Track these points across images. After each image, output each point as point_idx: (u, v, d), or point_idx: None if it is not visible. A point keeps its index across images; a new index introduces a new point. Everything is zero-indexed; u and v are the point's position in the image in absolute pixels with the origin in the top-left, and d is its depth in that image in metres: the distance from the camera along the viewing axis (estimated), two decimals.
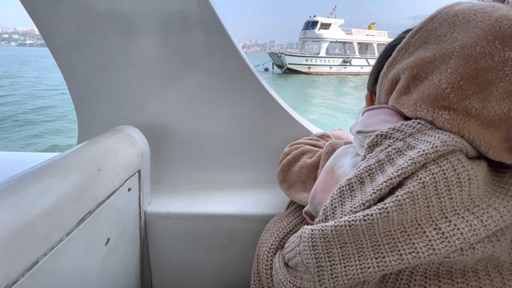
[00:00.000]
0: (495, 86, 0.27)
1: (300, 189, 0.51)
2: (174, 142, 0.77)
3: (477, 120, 0.29)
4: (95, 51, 0.68)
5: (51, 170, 0.40)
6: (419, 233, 0.27)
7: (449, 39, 0.31)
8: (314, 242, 0.31)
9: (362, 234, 0.28)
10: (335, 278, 0.29)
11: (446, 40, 0.31)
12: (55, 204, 0.37)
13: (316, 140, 0.65)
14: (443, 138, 0.28)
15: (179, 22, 0.65)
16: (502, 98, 0.27)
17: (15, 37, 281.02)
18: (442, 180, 0.27)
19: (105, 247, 0.50)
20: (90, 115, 0.75)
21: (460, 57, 0.29)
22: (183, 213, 0.66)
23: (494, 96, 0.28)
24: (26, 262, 0.32)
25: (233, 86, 0.71)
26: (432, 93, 0.31)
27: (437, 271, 0.29)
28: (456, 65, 0.29)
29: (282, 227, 0.48)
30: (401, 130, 0.31)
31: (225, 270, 0.71)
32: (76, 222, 0.40)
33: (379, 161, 0.31)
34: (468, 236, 0.25)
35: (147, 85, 0.71)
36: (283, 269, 0.37)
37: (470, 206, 0.27)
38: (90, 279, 0.46)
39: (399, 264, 0.27)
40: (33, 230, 0.33)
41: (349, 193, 0.32)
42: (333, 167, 0.40)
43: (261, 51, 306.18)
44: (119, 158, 0.52)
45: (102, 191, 0.46)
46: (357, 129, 0.38)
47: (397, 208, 0.27)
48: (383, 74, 0.39)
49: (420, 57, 0.33)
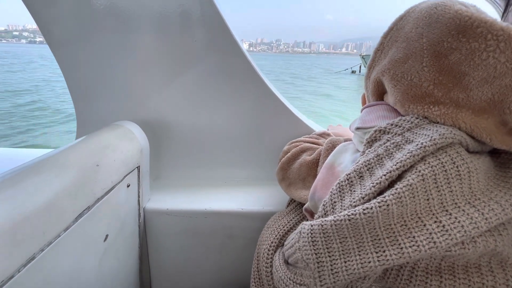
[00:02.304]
0: (470, 76, 0.28)
1: (300, 186, 0.51)
2: (174, 138, 0.76)
3: (468, 109, 0.29)
4: (94, 47, 0.67)
5: (49, 165, 0.40)
6: (419, 226, 0.27)
7: (415, 35, 0.32)
8: (313, 237, 0.30)
9: (362, 228, 0.28)
10: (335, 273, 0.29)
11: (412, 37, 0.32)
12: (53, 199, 0.36)
13: (316, 138, 0.64)
14: (441, 131, 0.28)
15: (180, 18, 0.64)
16: (480, 85, 0.28)
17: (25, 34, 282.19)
18: (441, 172, 0.27)
19: (104, 243, 0.49)
20: (89, 111, 0.74)
21: (431, 54, 0.30)
22: (182, 210, 0.65)
23: (473, 84, 0.28)
24: (23, 258, 0.31)
25: (234, 82, 0.70)
26: (416, 93, 0.31)
27: (439, 266, 0.28)
28: (430, 62, 0.30)
29: (283, 225, 0.48)
30: (399, 125, 0.32)
31: (224, 267, 0.71)
32: (74, 218, 0.40)
33: (378, 156, 0.31)
34: (469, 229, 0.25)
35: (147, 81, 0.71)
36: (283, 266, 0.37)
37: (470, 199, 0.27)
38: (88, 275, 0.46)
39: (399, 257, 0.26)
40: (30, 224, 0.32)
41: (348, 188, 0.32)
42: (333, 164, 0.40)
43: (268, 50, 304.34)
44: (118, 154, 0.52)
45: (100, 186, 0.46)
46: (356, 125, 0.39)
47: (397, 201, 0.27)
48: (366, 76, 0.41)
49: (394, 58, 0.34)
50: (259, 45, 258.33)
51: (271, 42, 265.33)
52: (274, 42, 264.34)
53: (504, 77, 0.26)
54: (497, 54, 0.26)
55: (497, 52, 0.26)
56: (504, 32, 0.26)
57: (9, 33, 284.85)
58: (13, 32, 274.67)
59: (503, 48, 0.26)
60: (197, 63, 0.68)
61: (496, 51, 0.26)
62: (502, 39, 0.26)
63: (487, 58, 0.27)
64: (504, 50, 0.26)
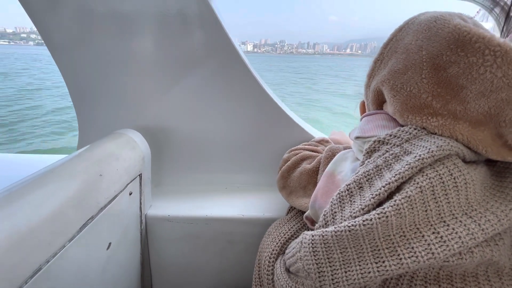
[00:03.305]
0: (468, 89, 0.29)
1: (301, 194, 0.52)
2: (174, 145, 0.77)
3: (465, 122, 0.29)
4: (95, 53, 0.68)
5: (54, 176, 0.40)
6: (418, 237, 0.27)
7: (415, 47, 0.32)
8: (314, 247, 0.31)
9: (362, 238, 0.28)
10: (336, 283, 0.30)
11: (412, 49, 0.33)
12: (57, 210, 0.37)
13: (315, 145, 0.65)
14: (439, 143, 0.28)
15: (179, 24, 0.64)
16: (477, 98, 0.28)
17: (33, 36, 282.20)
18: (439, 184, 0.27)
19: (107, 251, 0.50)
20: (90, 118, 0.75)
21: (430, 67, 0.31)
22: (183, 216, 0.66)
23: (470, 97, 0.29)
24: (29, 269, 0.32)
25: (234, 88, 0.71)
26: (415, 104, 0.32)
27: (437, 275, 0.29)
28: (429, 74, 0.31)
29: (284, 233, 0.48)
30: (397, 136, 0.32)
31: (225, 274, 0.71)
32: (78, 228, 0.40)
33: (377, 167, 0.31)
34: (466, 240, 0.26)
35: (147, 88, 0.71)
36: (284, 275, 0.37)
37: (467, 210, 0.27)
38: (91, 283, 0.46)
39: (399, 268, 0.27)
40: (36, 236, 0.33)
41: (348, 199, 0.32)
42: (333, 172, 0.41)
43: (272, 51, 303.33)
44: (121, 163, 0.52)
45: (104, 196, 0.46)
46: (356, 134, 0.39)
47: (396, 213, 0.27)
48: (366, 85, 0.42)
49: (394, 69, 0.35)
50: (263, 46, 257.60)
51: (275, 43, 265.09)
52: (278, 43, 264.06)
53: (501, 91, 0.27)
54: (494, 69, 0.27)
55: (494, 67, 0.27)
56: (501, 48, 0.26)
57: (17, 36, 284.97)
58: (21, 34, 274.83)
59: (500, 63, 0.26)
60: (197, 69, 0.69)
61: (493, 66, 0.27)
62: (499, 55, 0.26)
63: (485, 72, 0.27)
64: (501, 66, 0.26)
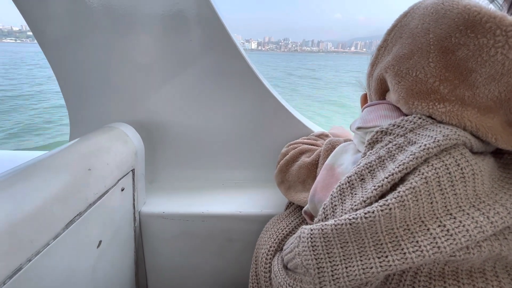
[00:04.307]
0: (477, 72, 0.27)
1: (300, 189, 0.50)
2: (169, 140, 0.75)
3: (474, 108, 0.28)
4: (88, 47, 0.65)
5: (38, 170, 0.38)
6: (422, 231, 0.26)
7: (421, 31, 0.31)
8: (313, 242, 0.29)
9: (364, 232, 0.27)
10: (336, 279, 0.28)
11: (418, 33, 0.31)
12: (41, 206, 0.34)
13: (314, 139, 0.63)
14: (445, 132, 0.27)
15: (175, 17, 0.62)
16: (487, 82, 0.27)
17: None
18: (445, 175, 0.26)
19: (97, 249, 0.48)
20: (82, 113, 0.73)
21: (438, 50, 0.29)
22: (179, 213, 0.64)
23: (480, 82, 0.27)
24: (8, 269, 0.30)
25: (231, 83, 0.69)
26: (421, 89, 0.30)
27: (442, 271, 0.28)
28: (437, 58, 0.29)
29: (282, 228, 0.47)
30: (401, 126, 0.31)
31: (222, 271, 0.69)
32: (64, 225, 0.38)
33: (379, 158, 0.30)
34: (474, 233, 0.24)
35: (142, 82, 0.69)
36: (282, 271, 0.36)
37: (475, 202, 0.26)
38: (81, 283, 0.44)
39: (403, 263, 0.25)
40: (16, 234, 0.31)
41: (349, 191, 0.31)
42: (333, 165, 0.39)
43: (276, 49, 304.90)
44: (111, 157, 0.50)
45: (93, 191, 0.44)
46: (357, 125, 0.37)
47: (400, 205, 0.26)
48: (369, 74, 0.40)
49: (399, 55, 0.33)
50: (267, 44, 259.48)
51: (278, 41, 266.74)
52: (282, 41, 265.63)
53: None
54: (506, 50, 0.25)
55: (506, 48, 0.25)
56: None
57: (23, 33, 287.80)
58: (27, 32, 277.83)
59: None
60: (194, 63, 0.67)
61: (505, 47, 0.25)
62: (511, 35, 0.25)
63: (495, 54, 0.26)
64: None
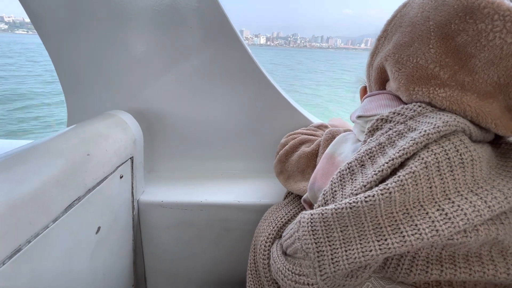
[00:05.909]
0: (476, 58, 0.28)
1: (299, 179, 0.50)
2: (169, 130, 0.74)
3: (473, 93, 0.29)
4: (87, 37, 0.64)
5: (36, 153, 0.38)
6: (421, 214, 0.26)
7: (421, 19, 0.31)
8: (313, 226, 0.30)
9: (364, 216, 0.27)
10: (335, 262, 0.28)
11: (418, 21, 0.31)
12: (40, 188, 0.34)
13: (314, 130, 0.63)
14: (445, 119, 0.28)
15: (175, 6, 0.61)
16: (486, 67, 0.27)
17: None
18: (444, 160, 0.26)
19: (96, 235, 0.48)
20: (80, 101, 0.72)
21: (438, 36, 0.30)
22: (177, 202, 0.64)
23: (479, 67, 0.28)
24: (8, 249, 0.30)
25: (232, 73, 0.68)
26: (422, 74, 0.31)
27: (440, 255, 0.28)
28: (437, 44, 0.30)
29: (280, 217, 0.47)
30: (401, 114, 0.31)
31: (220, 260, 0.70)
32: (63, 208, 0.38)
33: (380, 144, 0.30)
34: (472, 217, 0.25)
35: (141, 71, 0.68)
36: (281, 257, 0.36)
37: (473, 187, 0.27)
38: (80, 267, 0.44)
39: (401, 246, 0.26)
40: (15, 214, 0.31)
41: (349, 177, 0.31)
42: (333, 154, 0.39)
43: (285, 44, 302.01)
44: (110, 143, 0.50)
45: (91, 176, 0.44)
46: (358, 114, 0.38)
47: (399, 189, 0.26)
48: (368, 64, 0.40)
49: (399, 43, 0.33)
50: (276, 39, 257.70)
51: (287, 37, 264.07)
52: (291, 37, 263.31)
53: (511, 58, 0.26)
54: (504, 34, 0.26)
55: (504, 32, 0.26)
56: (511, 12, 0.25)
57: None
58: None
59: (510, 28, 0.26)
60: (194, 53, 0.66)
61: (503, 31, 0.26)
62: (508, 19, 0.26)
63: (494, 38, 0.26)
64: (510, 30, 0.26)
